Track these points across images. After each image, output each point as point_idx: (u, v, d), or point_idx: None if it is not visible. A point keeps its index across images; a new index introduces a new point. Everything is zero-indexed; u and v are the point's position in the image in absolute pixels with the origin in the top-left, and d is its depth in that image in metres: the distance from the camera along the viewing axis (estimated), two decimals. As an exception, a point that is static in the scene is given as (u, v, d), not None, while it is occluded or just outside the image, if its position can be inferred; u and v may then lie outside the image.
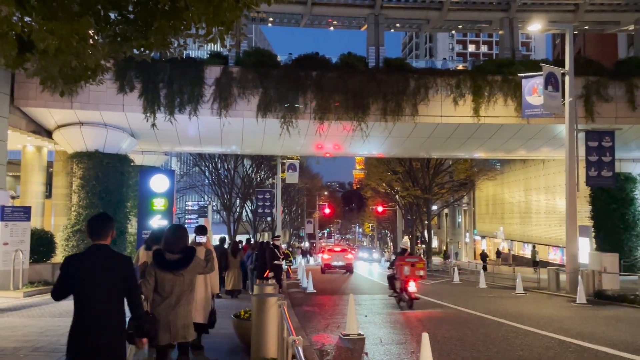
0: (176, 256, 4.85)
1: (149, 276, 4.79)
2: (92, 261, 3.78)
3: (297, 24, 23.13)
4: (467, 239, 58.40)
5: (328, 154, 26.87)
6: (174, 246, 4.88)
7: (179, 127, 19.71)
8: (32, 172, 20.44)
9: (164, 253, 4.87)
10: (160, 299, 4.79)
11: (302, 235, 79.27)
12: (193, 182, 48.96)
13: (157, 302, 4.78)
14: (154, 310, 4.77)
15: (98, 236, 3.85)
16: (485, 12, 22.41)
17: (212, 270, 5.48)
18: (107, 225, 3.91)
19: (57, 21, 4.59)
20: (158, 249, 5.00)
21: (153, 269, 4.82)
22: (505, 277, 25.48)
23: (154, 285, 4.78)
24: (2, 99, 16.39)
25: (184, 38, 5.55)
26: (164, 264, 4.81)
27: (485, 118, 20.19)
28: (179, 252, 4.87)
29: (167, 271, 4.79)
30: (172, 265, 4.80)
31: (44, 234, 16.47)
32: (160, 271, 4.79)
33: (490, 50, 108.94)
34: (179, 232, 5.02)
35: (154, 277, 4.78)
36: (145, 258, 6.64)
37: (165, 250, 4.89)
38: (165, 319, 4.75)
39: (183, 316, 4.86)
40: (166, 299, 4.78)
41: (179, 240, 4.94)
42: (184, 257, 4.87)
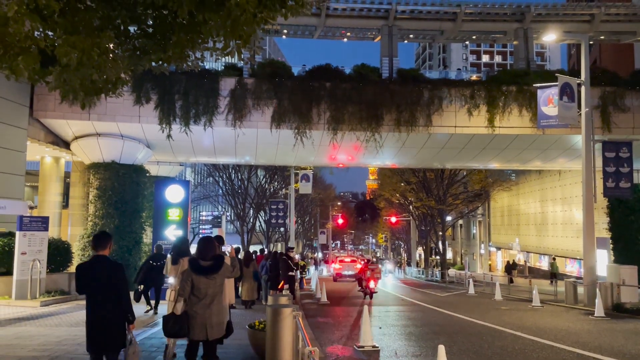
0: (209, 262, 5.68)
1: (186, 281, 5.56)
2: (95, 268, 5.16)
3: (311, 36, 23.29)
4: (482, 251, 57.85)
5: (341, 164, 26.89)
6: (206, 254, 5.74)
7: (194, 138, 19.88)
8: (50, 183, 20.72)
9: (199, 260, 5.70)
10: (197, 299, 5.56)
11: (315, 245, 79.10)
12: (207, 193, 49.25)
13: (194, 302, 5.56)
14: (191, 309, 5.54)
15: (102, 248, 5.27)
16: (500, 22, 22.36)
17: (238, 274, 6.26)
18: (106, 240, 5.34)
19: (79, 35, 4.69)
20: (193, 257, 5.88)
21: (190, 274, 5.60)
22: (521, 290, 25.18)
23: (191, 288, 5.55)
24: (21, 111, 16.70)
25: (201, 51, 5.64)
26: (199, 269, 5.62)
27: (500, 129, 20.08)
28: (211, 259, 5.72)
29: (202, 275, 5.60)
30: (206, 270, 5.63)
31: (60, 243, 16.65)
32: (197, 275, 5.59)
33: (505, 60, 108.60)
34: (209, 243, 5.89)
35: (191, 281, 5.56)
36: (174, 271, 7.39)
37: (199, 257, 5.73)
38: (202, 317, 5.54)
39: (217, 314, 5.66)
40: (202, 300, 5.57)
41: (210, 249, 5.79)
42: (216, 263, 5.71)
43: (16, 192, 16.29)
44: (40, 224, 14.57)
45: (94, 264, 5.20)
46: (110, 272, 5.16)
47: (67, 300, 14.67)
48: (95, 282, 5.09)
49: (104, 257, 5.25)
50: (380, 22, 21.86)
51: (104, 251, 5.27)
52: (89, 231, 19.01)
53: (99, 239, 5.35)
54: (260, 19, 4.37)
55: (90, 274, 5.14)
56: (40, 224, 14.57)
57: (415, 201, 47.30)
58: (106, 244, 5.31)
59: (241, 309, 14.55)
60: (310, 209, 63.23)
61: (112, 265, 5.24)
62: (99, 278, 5.10)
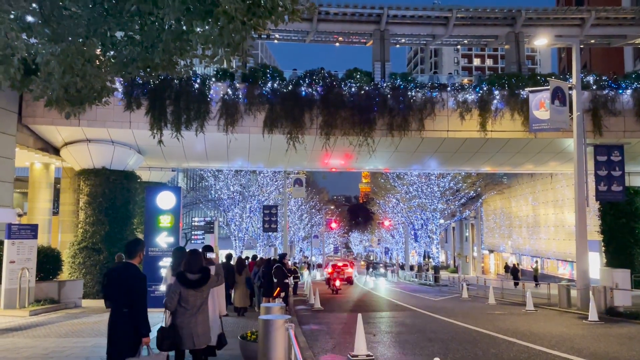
0: (197, 275, 5.86)
1: (174, 294, 5.76)
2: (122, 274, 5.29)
3: (303, 40, 23.22)
4: (475, 253, 57.95)
5: (334, 169, 26.82)
6: (194, 267, 5.90)
7: (186, 144, 19.74)
8: (40, 189, 20.50)
9: (186, 274, 5.85)
10: (184, 310, 5.78)
11: (309, 250, 78.93)
12: (199, 197, 48.94)
13: (181, 313, 5.77)
14: (178, 320, 5.76)
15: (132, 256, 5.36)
16: (491, 27, 22.42)
17: (222, 282, 6.46)
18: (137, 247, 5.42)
19: (62, 43, 4.58)
20: (180, 271, 5.97)
21: (178, 287, 5.77)
22: (514, 293, 25.17)
23: (178, 300, 5.75)
24: (9, 117, 16.49)
25: (190, 58, 5.53)
26: (188, 283, 5.79)
27: (492, 133, 20.11)
28: (198, 272, 5.88)
29: (191, 288, 5.79)
30: (194, 283, 5.81)
31: (50, 251, 16.42)
32: (185, 289, 5.77)
33: (496, 63, 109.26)
34: (196, 256, 6.03)
35: (179, 294, 5.76)
36: None
37: (187, 271, 5.88)
38: (187, 327, 5.76)
39: (202, 322, 5.90)
40: (188, 311, 5.79)
41: (197, 262, 5.96)
42: (203, 275, 5.90)
43: (4, 200, 16.06)
44: (30, 231, 14.36)
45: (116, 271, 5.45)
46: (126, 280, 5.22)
47: (57, 310, 14.46)
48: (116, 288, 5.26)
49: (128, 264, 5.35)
50: (372, 27, 21.84)
51: (132, 259, 5.35)
52: (80, 238, 18.80)
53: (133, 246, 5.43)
54: (249, 26, 4.28)
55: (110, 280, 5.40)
56: (30, 231, 14.36)
57: (408, 205, 47.30)
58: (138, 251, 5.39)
59: (234, 316, 14.40)
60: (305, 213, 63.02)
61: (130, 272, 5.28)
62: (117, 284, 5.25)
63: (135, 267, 5.29)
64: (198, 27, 4.50)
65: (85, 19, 5.02)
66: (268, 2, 4.21)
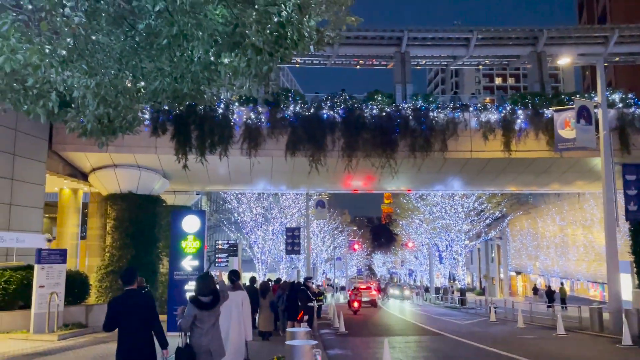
0: (209, 298, 6.27)
1: (189, 316, 6.15)
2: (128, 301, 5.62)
3: (325, 65, 23.51)
4: (501, 275, 56.86)
5: (356, 190, 26.80)
6: (206, 290, 6.32)
7: (210, 168, 20.00)
8: (68, 214, 20.91)
9: (199, 297, 6.26)
10: (199, 330, 6.21)
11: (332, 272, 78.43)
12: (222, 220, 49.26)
13: (197, 332, 6.20)
14: (194, 339, 6.17)
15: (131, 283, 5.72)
16: (513, 47, 22.40)
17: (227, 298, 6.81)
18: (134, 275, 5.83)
19: (96, 76, 4.75)
20: (193, 295, 6.36)
21: (193, 310, 6.17)
22: (544, 316, 24.58)
23: (192, 320, 6.15)
24: (40, 145, 16.97)
25: (217, 87, 5.67)
26: (201, 305, 6.21)
27: (516, 152, 19.92)
28: (209, 294, 6.30)
29: (204, 310, 6.22)
30: (207, 305, 6.26)
31: (78, 275, 16.67)
32: (200, 311, 6.19)
33: (518, 82, 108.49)
34: (207, 280, 6.49)
35: (194, 316, 6.15)
36: None
37: (199, 294, 6.30)
38: (205, 345, 6.17)
39: (216, 339, 6.34)
40: (203, 330, 6.21)
41: (208, 286, 6.37)
42: (214, 297, 6.34)
43: (35, 225, 16.45)
44: (59, 256, 14.62)
45: (127, 298, 5.71)
46: (144, 303, 5.76)
47: (84, 334, 14.61)
48: (130, 314, 5.55)
49: (135, 290, 5.83)
50: (392, 49, 22.01)
51: (132, 285, 5.78)
52: (107, 262, 19.06)
53: (127, 274, 5.86)
54: (276, 58, 4.39)
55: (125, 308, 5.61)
56: (59, 256, 14.62)
57: (432, 227, 46.84)
58: (134, 279, 5.85)
59: (258, 340, 14.35)
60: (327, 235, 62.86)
61: (143, 296, 5.94)
62: (134, 310, 5.59)
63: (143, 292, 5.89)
64: (226, 59, 4.62)
65: (117, 52, 5.20)
66: (294, 34, 4.32)
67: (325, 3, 4.70)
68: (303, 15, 4.34)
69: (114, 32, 5.13)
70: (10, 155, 15.56)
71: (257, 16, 4.19)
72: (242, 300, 8.20)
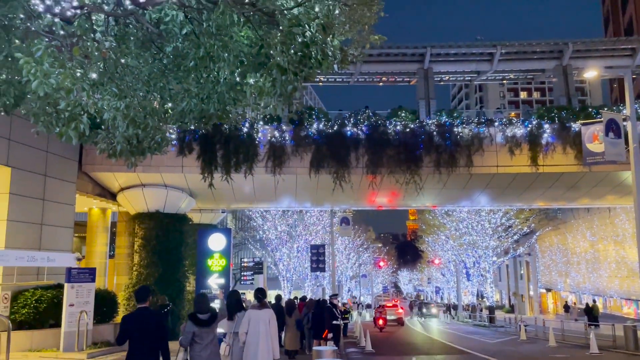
0: (207, 315, 6.78)
1: (189, 333, 6.63)
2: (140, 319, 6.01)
3: (347, 82, 23.63)
4: (531, 292, 55.59)
5: (381, 207, 26.68)
6: (203, 308, 6.84)
7: (235, 186, 20.16)
8: (97, 233, 21.29)
9: (197, 315, 6.76)
10: (199, 346, 6.68)
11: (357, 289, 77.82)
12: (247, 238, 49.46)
13: (196, 349, 6.67)
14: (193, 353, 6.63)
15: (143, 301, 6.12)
16: (537, 61, 22.18)
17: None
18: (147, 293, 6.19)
19: (125, 99, 4.87)
20: (192, 313, 6.87)
21: (192, 327, 6.66)
22: (576, 334, 23.88)
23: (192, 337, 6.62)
24: (71, 166, 17.40)
25: (243, 107, 5.76)
26: (200, 322, 6.70)
27: (543, 167, 19.60)
28: (206, 311, 6.81)
29: (203, 327, 6.70)
30: (205, 322, 6.75)
31: (107, 294, 16.91)
32: (199, 328, 6.67)
33: (544, 96, 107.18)
34: (204, 298, 7.09)
35: (193, 333, 6.63)
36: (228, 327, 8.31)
37: (197, 312, 6.81)
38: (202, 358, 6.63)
39: (214, 354, 6.80)
40: (202, 345, 6.67)
41: (205, 304, 6.92)
42: (212, 315, 6.85)
43: (65, 244, 16.78)
44: (88, 275, 14.88)
45: (139, 315, 6.05)
46: (155, 321, 6.09)
47: (113, 352, 14.76)
48: (141, 332, 5.89)
49: (147, 309, 6.17)
50: (415, 66, 22.02)
51: (145, 303, 6.14)
52: (134, 280, 19.28)
53: (140, 293, 6.22)
54: (300, 77, 4.45)
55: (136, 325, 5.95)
56: (88, 275, 14.88)
57: (459, 243, 46.20)
58: (147, 297, 6.18)
59: (284, 359, 14.27)
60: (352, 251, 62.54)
61: (154, 315, 6.30)
62: (146, 327, 5.93)
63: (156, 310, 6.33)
64: (251, 79, 4.70)
65: (146, 75, 5.34)
66: (319, 54, 4.37)
67: (349, 23, 4.76)
68: (327, 35, 4.40)
69: (143, 55, 5.27)
70: (42, 177, 15.98)
71: (281, 37, 4.26)
72: (269, 319, 8.19)
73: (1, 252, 13.42)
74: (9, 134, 14.59)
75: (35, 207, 15.67)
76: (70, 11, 4.72)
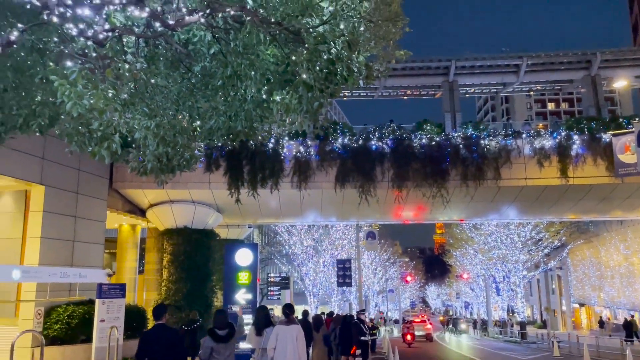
0: (225, 331, 6.95)
1: (207, 348, 6.79)
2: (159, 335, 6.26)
3: (372, 97, 23.68)
4: (563, 307, 54.16)
5: (407, 220, 26.48)
6: (221, 325, 7.02)
7: (261, 201, 20.30)
8: (127, 249, 21.64)
9: (216, 330, 6.93)
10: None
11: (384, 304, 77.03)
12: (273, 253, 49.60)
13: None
14: None
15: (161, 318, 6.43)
16: (565, 71, 21.88)
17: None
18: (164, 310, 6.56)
19: (156, 117, 4.99)
20: (211, 328, 7.05)
21: (211, 342, 6.83)
22: (611, 351, 23.14)
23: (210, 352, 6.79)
24: (102, 183, 17.78)
25: (269, 123, 5.83)
26: (218, 338, 6.87)
27: (574, 179, 19.22)
28: (225, 327, 6.98)
29: (221, 342, 6.86)
30: (223, 338, 6.92)
31: (136, 309, 17.11)
32: (217, 344, 6.83)
33: (572, 107, 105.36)
34: (222, 314, 7.28)
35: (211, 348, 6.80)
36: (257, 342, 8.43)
37: (216, 327, 6.98)
38: None
39: None
40: None
41: (223, 320, 7.10)
42: (230, 331, 6.99)
43: (96, 261, 17.09)
44: (118, 291, 15.07)
45: (157, 332, 6.32)
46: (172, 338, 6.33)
47: (142, 367, 14.87)
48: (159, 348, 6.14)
49: (164, 325, 6.47)
50: (440, 79, 21.96)
51: (161, 320, 6.46)
52: (163, 296, 19.48)
53: (156, 310, 6.56)
54: (326, 94, 4.49)
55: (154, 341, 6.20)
56: (118, 291, 15.07)
57: (487, 257, 45.44)
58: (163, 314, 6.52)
59: (312, 375, 14.16)
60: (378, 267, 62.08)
61: (170, 332, 6.53)
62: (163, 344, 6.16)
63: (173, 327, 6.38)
64: (278, 96, 4.77)
65: (175, 94, 5.46)
66: (344, 70, 4.42)
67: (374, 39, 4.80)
68: (352, 52, 4.45)
69: (172, 74, 5.40)
70: (74, 194, 16.36)
71: (307, 55, 4.32)
72: (296, 335, 8.17)
73: (35, 268, 13.74)
74: (42, 154, 15.01)
75: (67, 224, 16.03)
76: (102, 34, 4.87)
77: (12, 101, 5.37)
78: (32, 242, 14.88)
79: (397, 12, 4.77)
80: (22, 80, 5.22)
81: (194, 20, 4.47)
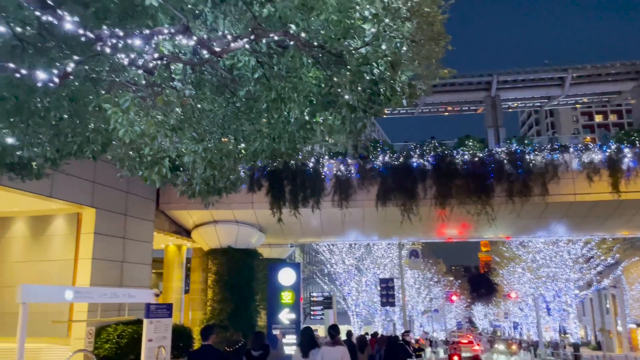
0: (259, 352, 7.40)
1: None
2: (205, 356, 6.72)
3: (412, 114, 23.57)
4: (619, 328, 51.62)
5: (451, 238, 26.00)
6: (256, 346, 7.46)
7: (303, 220, 20.38)
8: (173, 269, 22.08)
9: (251, 351, 7.42)
10: None
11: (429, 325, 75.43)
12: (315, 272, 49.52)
13: None
14: None
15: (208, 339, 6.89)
16: (613, 83, 21.23)
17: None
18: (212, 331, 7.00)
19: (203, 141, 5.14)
20: (247, 349, 7.59)
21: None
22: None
23: None
24: (149, 205, 18.28)
25: (312, 145, 5.90)
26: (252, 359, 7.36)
27: (626, 194, 18.48)
28: (259, 348, 7.39)
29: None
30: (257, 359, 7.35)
31: (182, 329, 17.35)
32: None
33: (621, 118, 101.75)
34: (258, 336, 7.78)
35: None
36: None
37: (252, 349, 7.45)
38: None
39: None
40: None
41: (259, 341, 7.52)
42: (264, 352, 7.41)
43: (144, 281, 17.50)
44: (165, 310, 15.31)
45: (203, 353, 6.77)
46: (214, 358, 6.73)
47: (189, 386, 15.03)
48: None
49: (210, 346, 6.82)
50: (482, 94, 21.68)
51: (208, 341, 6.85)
52: (208, 315, 19.70)
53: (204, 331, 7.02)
54: (370, 114, 4.52)
55: None
56: (165, 310, 15.31)
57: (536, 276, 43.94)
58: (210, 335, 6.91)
59: (357, 397, 13.98)
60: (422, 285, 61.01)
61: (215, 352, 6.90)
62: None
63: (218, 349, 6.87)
64: (321, 117, 4.83)
65: (220, 118, 5.61)
66: (387, 90, 4.44)
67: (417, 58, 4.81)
68: (395, 72, 4.47)
69: (217, 99, 5.56)
70: (122, 216, 16.88)
71: (350, 76, 4.37)
72: (342, 356, 8.11)
73: (87, 289, 14.19)
74: (93, 178, 15.59)
75: (117, 245, 16.51)
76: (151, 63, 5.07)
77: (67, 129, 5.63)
78: (84, 263, 15.38)
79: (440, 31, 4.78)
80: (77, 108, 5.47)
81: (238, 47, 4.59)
